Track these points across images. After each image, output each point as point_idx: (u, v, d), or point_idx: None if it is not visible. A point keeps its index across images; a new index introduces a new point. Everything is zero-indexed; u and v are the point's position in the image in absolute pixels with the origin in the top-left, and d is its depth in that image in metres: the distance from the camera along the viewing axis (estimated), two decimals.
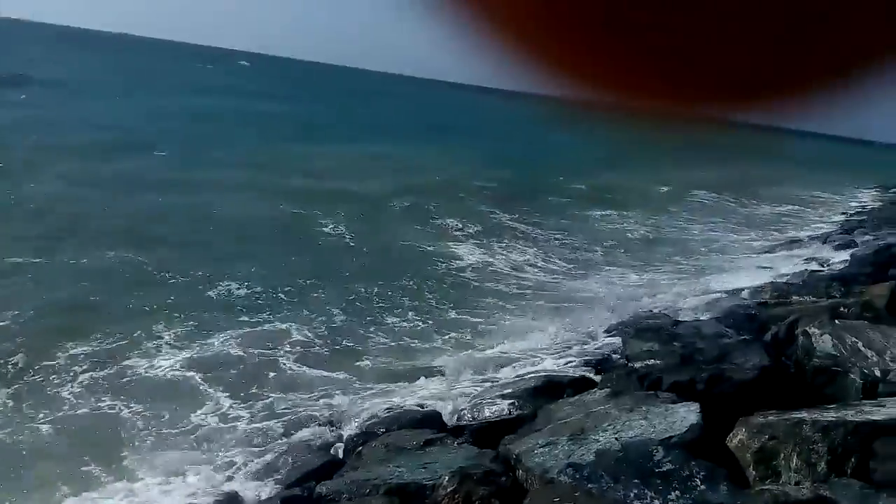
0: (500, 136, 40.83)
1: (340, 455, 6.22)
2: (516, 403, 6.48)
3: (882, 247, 13.90)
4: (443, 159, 27.81)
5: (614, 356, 8.10)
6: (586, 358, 8.32)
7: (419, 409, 6.82)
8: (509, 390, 6.95)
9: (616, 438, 4.94)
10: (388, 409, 6.76)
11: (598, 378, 7.26)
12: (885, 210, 26.43)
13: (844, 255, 14.06)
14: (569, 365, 8.19)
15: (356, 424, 6.62)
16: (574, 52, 0.57)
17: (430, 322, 10.14)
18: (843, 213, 26.65)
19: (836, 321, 6.77)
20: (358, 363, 8.49)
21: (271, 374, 7.92)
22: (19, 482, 5.73)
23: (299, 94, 66.42)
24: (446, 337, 9.63)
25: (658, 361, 6.73)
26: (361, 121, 43.22)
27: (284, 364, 8.23)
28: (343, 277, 11.71)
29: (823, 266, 12.95)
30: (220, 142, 25.41)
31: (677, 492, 4.07)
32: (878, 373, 5.79)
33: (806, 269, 12.46)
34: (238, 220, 14.77)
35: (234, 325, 9.15)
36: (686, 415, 4.98)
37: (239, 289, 10.51)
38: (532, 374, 7.59)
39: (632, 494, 4.10)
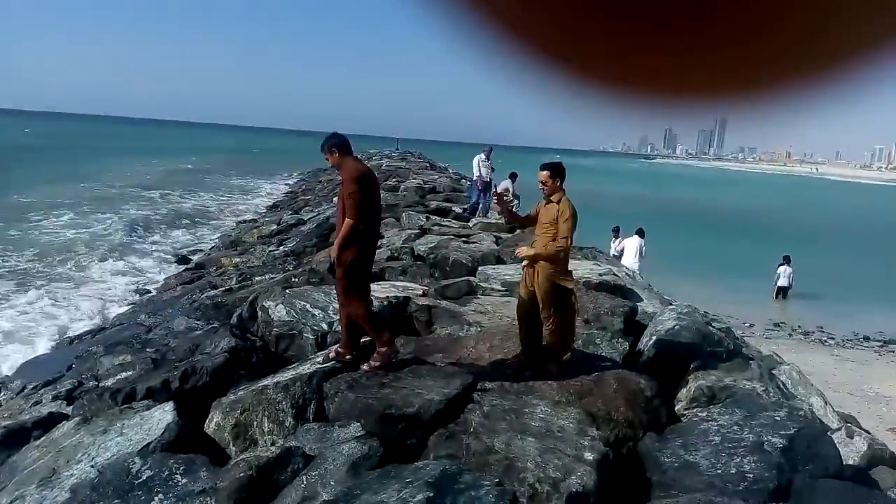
0: None
1: None
2: None
3: (323, 220, 16.16)
4: None
5: (86, 382, 7.41)
6: (54, 392, 7.41)
7: None
8: None
9: (92, 466, 4.56)
10: None
11: (69, 409, 6.54)
12: (326, 188, 30.87)
13: (296, 232, 15.88)
14: (35, 406, 7.17)
15: None
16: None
17: None
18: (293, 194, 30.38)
19: (287, 291, 7.60)
20: None
21: None
22: None
23: None
24: None
25: (131, 373, 6.43)
26: None
27: None
28: None
29: (279, 245, 14.38)
30: None
31: (160, 495, 3.99)
32: (325, 326, 6.72)
33: (265, 250, 13.62)
34: None
35: None
36: (161, 417, 4.91)
37: None
38: None
39: None
